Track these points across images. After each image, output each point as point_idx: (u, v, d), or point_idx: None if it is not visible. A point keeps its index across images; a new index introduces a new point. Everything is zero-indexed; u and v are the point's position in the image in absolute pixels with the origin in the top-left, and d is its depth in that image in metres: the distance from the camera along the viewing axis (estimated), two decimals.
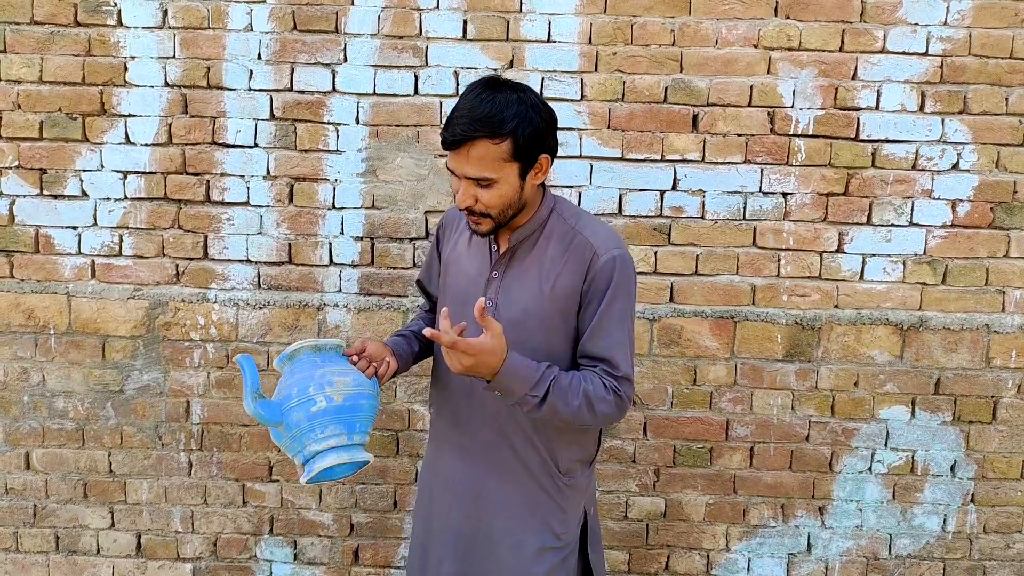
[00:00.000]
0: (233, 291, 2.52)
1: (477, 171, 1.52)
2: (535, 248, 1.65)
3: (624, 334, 1.63)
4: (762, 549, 2.60)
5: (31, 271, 2.51)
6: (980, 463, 2.55)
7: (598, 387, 1.58)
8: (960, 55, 2.40)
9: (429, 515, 1.82)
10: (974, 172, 2.45)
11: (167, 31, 2.41)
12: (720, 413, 2.54)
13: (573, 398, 1.55)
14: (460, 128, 1.50)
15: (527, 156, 1.55)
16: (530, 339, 1.62)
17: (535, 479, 1.69)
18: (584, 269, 1.60)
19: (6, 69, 2.43)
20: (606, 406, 1.58)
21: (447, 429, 1.79)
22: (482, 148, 1.50)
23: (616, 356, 1.60)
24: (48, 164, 2.47)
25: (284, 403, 1.55)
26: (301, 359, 1.60)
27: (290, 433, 1.54)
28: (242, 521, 2.61)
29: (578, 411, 1.56)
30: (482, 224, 1.59)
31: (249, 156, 2.47)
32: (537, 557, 1.69)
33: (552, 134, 1.61)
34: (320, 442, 1.53)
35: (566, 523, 1.72)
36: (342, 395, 1.55)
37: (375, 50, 2.42)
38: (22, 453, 2.57)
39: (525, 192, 1.59)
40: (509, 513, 1.70)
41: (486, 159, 1.51)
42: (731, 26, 2.39)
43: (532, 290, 1.63)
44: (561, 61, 2.41)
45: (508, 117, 1.50)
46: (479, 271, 1.70)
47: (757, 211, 2.47)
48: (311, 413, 1.52)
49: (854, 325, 2.50)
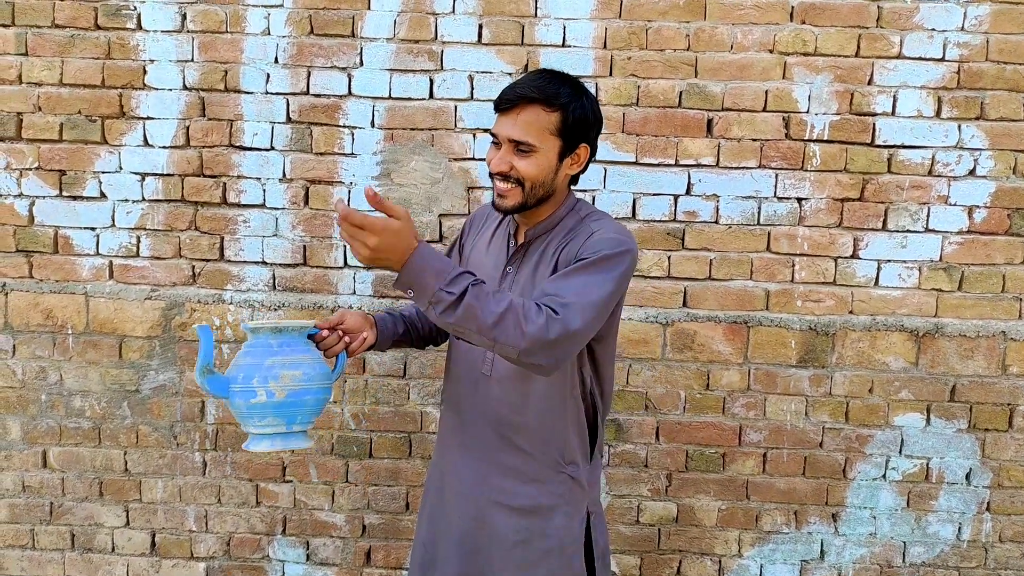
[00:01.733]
0: (248, 292, 2.54)
1: (522, 134, 1.54)
2: (546, 244, 1.65)
3: (581, 284, 1.48)
4: (775, 556, 2.59)
5: (50, 271, 2.54)
6: (996, 471, 2.53)
7: (530, 307, 1.41)
8: (977, 61, 2.38)
9: (433, 515, 1.82)
10: (991, 178, 2.43)
11: (186, 35, 2.44)
12: (733, 418, 2.53)
13: (495, 306, 1.38)
14: (519, 89, 1.54)
15: (571, 138, 1.57)
16: None
17: (539, 477, 1.69)
18: (577, 249, 1.56)
19: (27, 72, 2.46)
20: (530, 323, 1.39)
21: (452, 427, 1.80)
22: (532, 113, 1.53)
23: (564, 293, 1.46)
24: (67, 166, 2.50)
25: (230, 383, 1.58)
26: (259, 339, 1.61)
27: (233, 410, 1.60)
28: (255, 521, 2.62)
29: (500, 321, 1.38)
30: (509, 196, 1.57)
31: (265, 159, 2.49)
32: (541, 556, 1.69)
33: (597, 130, 1.64)
34: (258, 428, 1.58)
35: (569, 520, 1.71)
36: (285, 391, 1.57)
37: (391, 54, 2.44)
38: (39, 451, 2.60)
39: (558, 177, 1.61)
40: (511, 511, 1.70)
41: (533, 125, 1.54)
42: (746, 31, 2.39)
43: (539, 284, 1.61)
44: (575, 65, 2.41)
45: (563, 93, 1.55)
46: (496, 266, 1.71)
47: (771, 216, 2.47)
48: (250, 404, 1.56)
49: (869, 331, 2.48)
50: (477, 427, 1.72)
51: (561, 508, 1.70)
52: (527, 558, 1.68)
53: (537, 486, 1.69)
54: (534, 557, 1.68)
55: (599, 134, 1.65)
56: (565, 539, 1.71)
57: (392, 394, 2.55)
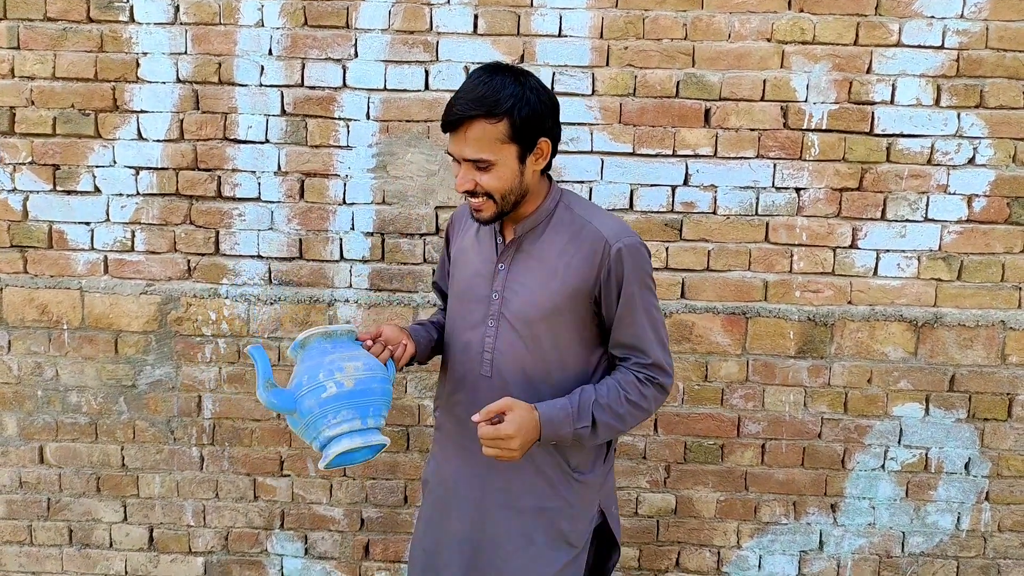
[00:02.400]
0: (244, 286, 2.53)
1: (475, 152, 1.51)
2: (541, 239, 1.63)
3: (648, 321, 1.61)
4: (773, 546, 2.59)
5: (44, 266, 2.53)
6: (995, 461, 2.53)
7: (634, 385, 1.60)
8: (977, 48, 2.37)
9: (431, 520, 1.79)
10: (990, 167, 2.42)
11: (179, 27, 2.42)
12: (732, 410, 2.53)
13: (619, 407, 1.58)
14: (458, 108, 1.51)
15: (525, 139, 1.54)
16: (537, 334, 1.61)
17: (543, 476, 1.67)
18: (596, 260, 1.58)
19: (19, 65, 2.44)
20: (649, 401, 1.62)
21: (450, 431, 1.77)
22: (479, 129, 1.50)
23: (644, 344, 1.61)
24: (61, 160, 2.48)
25: (296, 391, 1.54)
26: (312, 346, 1.59)
27: (304, 420, 1.54)
28: (253, 515, 2.62)
29: (629, 416, 1.60)
30: (483, 210, 1.57)
31: (260, 152, 2.47)
32: (545, 558, 1.66)
33: (553, 119, 1.59)
34: (334, 427, 1.52)
35: (575, 520, 1.69)
36: (352, 380, 1.53)
37: (386, 45, 2.42)
38: (36, 447, 2.59)
39: (526, 178, 1.58)
40: (515, 513, 1.67)
41: (483, 140, 1.51)
42: (744, 20, 2.37)
43: (539, 281, 1.61)
44: (572, 56, 2.40)
45: (504, 97, 1.49)
46: (485, 265, 1.68)
47: (770, 206, 2.45)
48: (322, 399, 1.51)
49: (868, 321, 2.48)
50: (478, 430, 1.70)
51: (566, 511, 1.68)
52: (532, 559, 1.66)
53: (541, 488, 1.67)
54: (540, 558, 1.66)
55: (556, 119, 1.61)
56: (572, 539, 1.69)
57: None
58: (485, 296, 1.66)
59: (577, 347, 1.64)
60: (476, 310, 1.67)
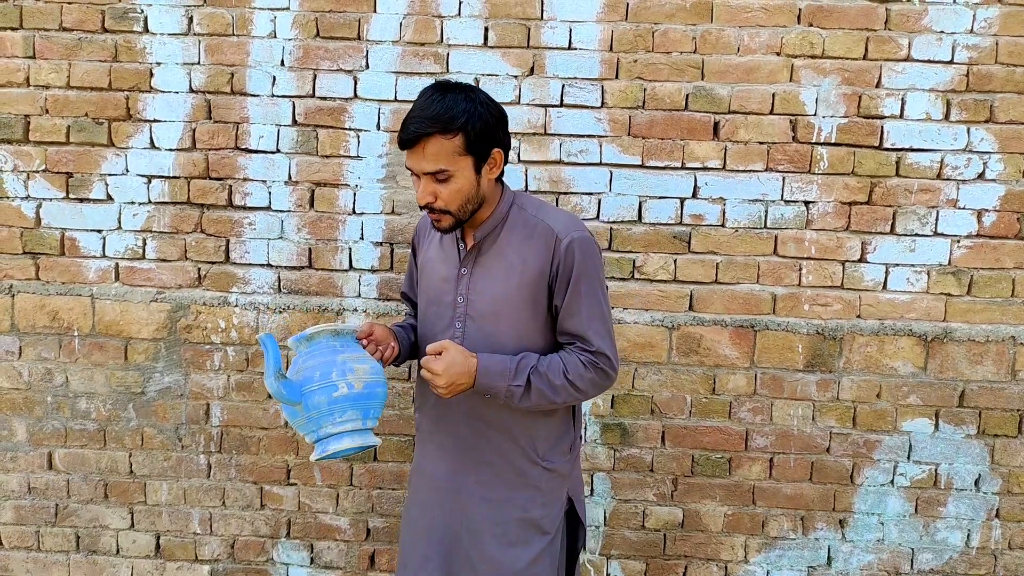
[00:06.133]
0: (254, 295, 2.54)
1: (433, 165, 1.61)
2: (499, 241, 1.74)
3: (594, 310, 1.71)
4: (781, 561, 2.57)
5: (56, 273, 2.55)
6: (1005, 478, 2.51)
7: (576, 365, 1.69)
8: (986, 63, 2.37)
9: (410, 516, 1.88)
10: (1000, 182, 2.41)
11: (192, 38, 2.44)
12: (739, 423, 2.52)
13: (555, 378, 1.67)
14: (414, 127, 1.60)
15: (480, 150, 1.64)
16: (501, 330, 1.72)
17: (514, 468, 1.77)
18: (549, 254, 1.69)
19: (35, 74, 2.47)
20: (587, 383, 1.70)
21: (429, 428, 1.86)
22: (436, 144, 1.60)
23: (588, 332, 1.70)
24: (74, 168, 2.50)
25: (305, 384, 1.61)
26: (320, 342, 1.67)
27: (308, 414, 1.61)
28: (260, 524, 2.62)
29: (563, 391, 1.68)
30: (443, 220, 1.67)
31: (271, 161, 2.49)
32: (522, 545, 1.76)
33: (503, 129, 1.70)
34: (338, 425, 1.61)
35: (547, 507, 1.79)
36: (362, 383, 1.63)
37: (397, 57, 2.43)
38: (45, 453, 2.60)
39: (482, 186, 1.68)
40: (490, 504, 1.77)
41: (440, 154, 1.61)
42: (753, 33, 2.38)
43: (500, 280, 1.71)
44: (582, 68, 2.41)
45: (458, 114, 1.60)
46: (450, 270, 1.78)
47: (778, 219, 2.45)
48: (332, 398, 1.60)
49: (877, 336, 2.47)
50: (453, 426, 1.79)
51: (538, 499, 1.78)
52: (509, 547, 1.75)
53: (513, 479, 1.77)
54: (516, 546, 1.76)
55: (506, 129, 1.71)
56: (544, 524, 1.79)
57: (396, 398, 2.54)
58: (451, 300, 1.77)
59: (537, 337, 1.74)
60: (444, 314, 1.78)
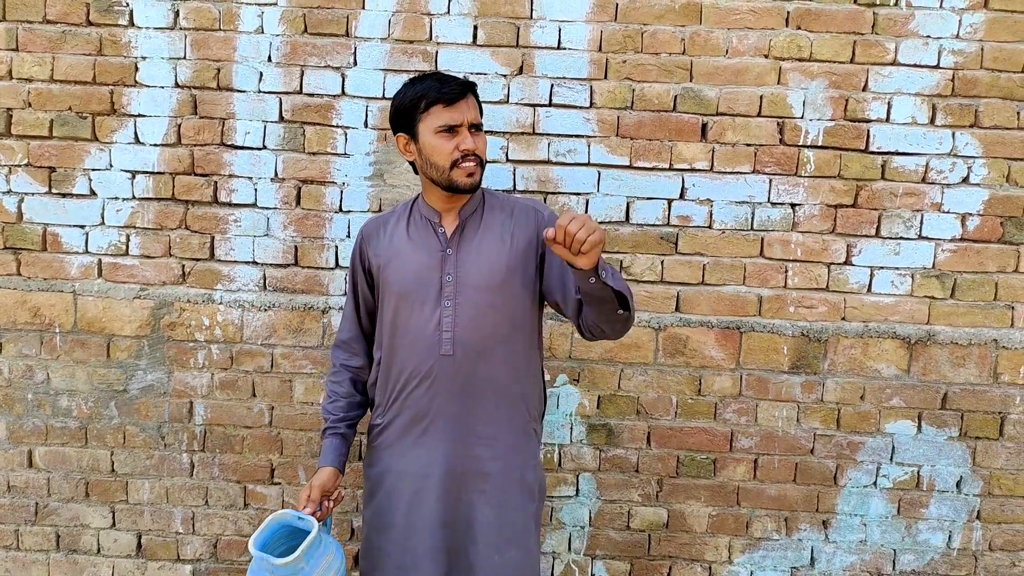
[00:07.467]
0: (239, 293, 2.52)
1: (477, 116, 1.81)
2: (483, 220, 1.87)
3: None
4: (765, 562, 2.58)
5: (38, 269, 2.52)
6: (987, 479, 2.53)
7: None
8: (972, 68, 2.39)
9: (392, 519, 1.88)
10: (984, 186, 2.44)
11: (178, 32, 2.42)
12: (724, 424, 2.53)
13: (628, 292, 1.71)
14: (457, 83, 1.79)
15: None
16: (494, 302, 1.80)
17: (509, 437, 1.85)
18: (533, 225, 1.86)
19: (18, 67, 2.44)
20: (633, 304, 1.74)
21: (405, 425, 1.87)
22: (473, 100, 1.82)
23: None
24: (57, 163, 2.47)
25: None
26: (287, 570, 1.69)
27: None
28: (243, 523, 2.60)
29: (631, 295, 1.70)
30: (476, 174, 1.80)
31: (257, 158, 2.47)
32: (519, 511, 1.85)
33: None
34: None
35: (536, 470, 1.92)
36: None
37: (385, 54, 2.42)
38: (25, 451, 2.57)
39: None
40: (485, 477, 1.83)
41: (477, 109, 1.83)
42: (742, 36, 2.39)
43: (492, 250, 1.82)
44: (570, 68, 2.41)
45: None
46: (431, 256, 1.84)
47: (765, 221, 2.46)
48: None
49: (861, 338, 2.48)
50: (446, 408, 1.82)
51: (529, 462, 1.90)
52: (509, 509, 1.84)
53: (506, 447, 1.84)
54: (514, 509, 1.85)
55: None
56: (534, 487, 1.90)
57: None
58: (436, 281, 1.82)
59: (528, 304, 1.85)
60: (428, 299, 1.81)
